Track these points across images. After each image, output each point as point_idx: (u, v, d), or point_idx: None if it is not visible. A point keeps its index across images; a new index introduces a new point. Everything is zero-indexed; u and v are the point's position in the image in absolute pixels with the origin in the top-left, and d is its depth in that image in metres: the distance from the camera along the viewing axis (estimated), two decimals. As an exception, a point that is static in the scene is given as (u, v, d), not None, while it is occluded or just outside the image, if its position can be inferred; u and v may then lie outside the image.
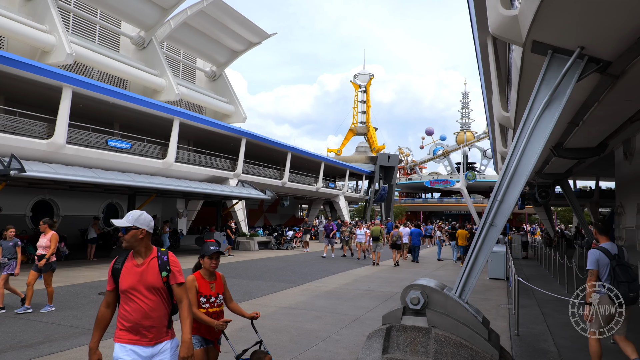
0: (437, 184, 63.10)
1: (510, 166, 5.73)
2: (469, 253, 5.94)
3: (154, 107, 19.34)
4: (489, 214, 5.78)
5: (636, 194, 16.18)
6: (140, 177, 16.22)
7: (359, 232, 20.25)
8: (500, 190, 5.76)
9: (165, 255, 3.14)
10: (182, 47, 26.23)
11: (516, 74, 7.14)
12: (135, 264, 3.03)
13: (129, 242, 3.02)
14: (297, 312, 8.53)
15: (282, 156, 31.34)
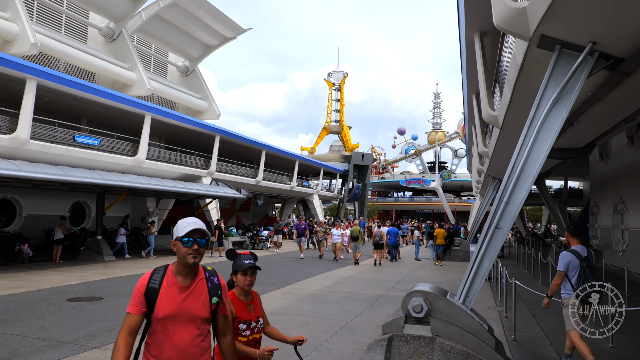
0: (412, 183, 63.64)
1: (517, 166, 5.48)
2: (473, 257, 5.66)
3: (124, 102, 18.52)
4: (494, 216, 5.51)
5: (611, 194, 16.42)
6: (111, 175, 15.43)
7: (335, 233, 19.18)
8: (506, 192, 5.49)
9: (215, 277, 2.51)
10: (153, 41, 25.31)
11: (514, 71, 6.90)
12: (178, 285, 2.37)
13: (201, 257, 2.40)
14: (283, 318, 8.11)
15: (256, 154, 30.76)
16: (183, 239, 2.33)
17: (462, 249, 20.26)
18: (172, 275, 2.39)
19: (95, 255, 16.58)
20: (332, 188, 47.64)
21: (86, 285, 11.07)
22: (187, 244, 2.32)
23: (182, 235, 2.33)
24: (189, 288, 2.39)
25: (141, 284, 2.40)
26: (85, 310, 8.29)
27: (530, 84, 7.04)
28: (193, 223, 2.40)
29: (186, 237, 2.33)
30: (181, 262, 2.38)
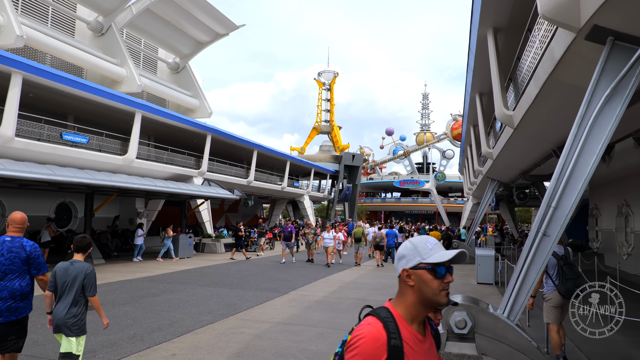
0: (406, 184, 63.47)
1: (566, 168, 5.02)
2: (517, 268, 5.21)
3: (114, 99, 17.77)
4: (542, 223, 5.06)
5: (615, 196, 16.23)
6: (101, 175, 14.71)
7: (327, 236, 17.87)
8: (554, 196, 5.04)
9: (430, 320, 1.80)
10: (143, 36, 24.50)
11: (547, 66, 6.48)
12: (419, 337, 1.63)
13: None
14: (295, 329, 7.59)
15: (246, 154, 30.12)
16: (437, 268, 1.62)
17: (460, 252, 19.90)
18: (405, 323, 1.61)
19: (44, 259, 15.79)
20: (322, 189, 47.16)
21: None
22: (440, 275, 1.62)
23: (437, 262, 1.62)
24: (426, 341, 1.67)
25: (375, 343, 1.51)
26: (81, 321, 7.65)
27: (564, 81, 6.63)
28: (438, 245, 1.67)
29: (442, 267, 1.62)
30: (426, 301, 1.62)
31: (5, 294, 4.13)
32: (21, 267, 4.24)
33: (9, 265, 4.18)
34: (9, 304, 4.14)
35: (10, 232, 4.36)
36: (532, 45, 7.63)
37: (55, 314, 4.30)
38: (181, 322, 7.82)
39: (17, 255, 4.22)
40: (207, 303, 9.55)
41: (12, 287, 4.17)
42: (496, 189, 20.21)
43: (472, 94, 15.76)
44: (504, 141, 11.90)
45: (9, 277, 4.17)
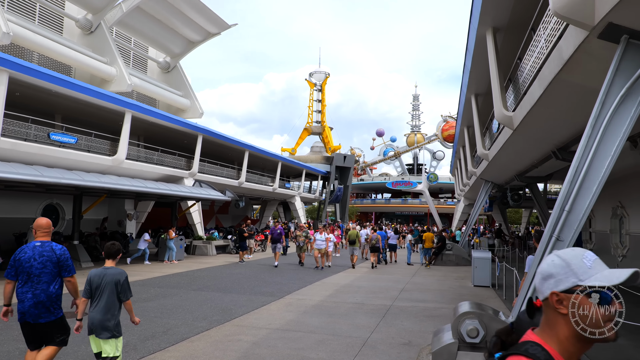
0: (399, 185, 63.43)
1: (580, 170, 4.85)
2: (530, 274, 5.03)
3: (103, 98, 17.39)
4: (555, 227, 4.88)
5: (609, 198, 16.21)
6: (90, 176, 14.34)
7: (319, 238, 17.27)
8: (567, 199, 4.87)
9: None
10: (133, 34, 24.08)
11: (554, 66, 6.33)
12: None
13: None
14: (294, 336, 7.35)
15: (237, 155, 29.81)
16: (602, 293, 1.25)
17: (454, 253, 19.82)
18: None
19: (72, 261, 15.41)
20: (313, 190, 46.95)
21: (65, 297, 10.03)
22: (606, 301, 1.25)
23: (602, 284, 1.24)
24: None
25: None
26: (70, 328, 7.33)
27: (572, 81, 6.48)
28: (599, 262, 1.30)
29: (607, 291, 1.24)
30: (585, 335, 1.25)
31: (43, 297, 4.43)
32: (53, 270, 4.49)
33: (42, 269, 4.43)
34: (47, 305, 4.46)
35: (38, 238, 4.59)
36: (536, 45, 7.49)
37: (92, 318, 4.49)
38: (175, 329, 7.54)
39: (48, 259, 4.46)
40: (201, 308, 9.28)
41: (48, 290, 4.45)
42: (490, 190, 20.14)
43: (468, 95, 15.66)
44: (502, 142, 11.78)
45: (43, 280, 4.44)
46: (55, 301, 4.54)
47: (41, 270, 4.43)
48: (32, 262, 4.43)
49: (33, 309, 4.41)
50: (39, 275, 4.42)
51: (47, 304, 4.47)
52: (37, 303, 4.40)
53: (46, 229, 4.64)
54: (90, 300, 4.57)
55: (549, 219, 15.86)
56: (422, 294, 11.86)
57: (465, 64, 13.55)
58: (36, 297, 4.41)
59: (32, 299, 4.41)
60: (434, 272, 17.01)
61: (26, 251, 4.48)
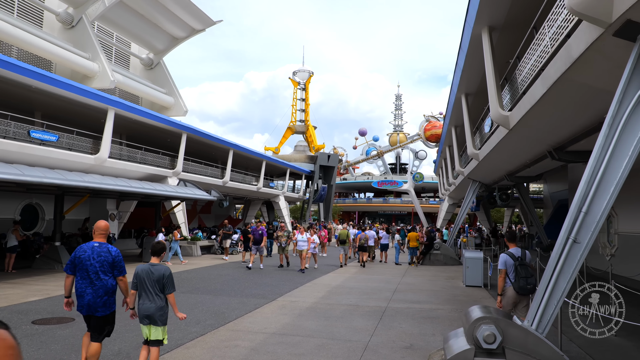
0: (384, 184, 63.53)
1: (597, 171, 4.74)
2: (546, 277, 4.90)
3: (85, 95, 16.86)
4: (572, 229, 4.76)
5: (596, 198, 16.38)
6: (73, 175, 13.84)
7: (301, 238, 16.51)
8: (585, 200, 4.75)
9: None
10: (116, 30, 23.46)
11: (561, 65, 6.22)
12: None
13: None
14: (292, 341, 7.12)
15: (221, 153, 29.36)
16: None
17: (442, 253, 19.82)
18: None
19: (53, 263, 14.91)
20: (297, 189, 46.69)
21: (50, 302, 9.64)
22: None
23: None
24: None
25: None
26: (58, 336, 6.99)
27: (579, 81, 6.39)
28: None
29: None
30: None
31: (101, 292, 4.96)
32: (108, 269, 5.02)
33: (100, 267, 4.96)
34: (104, 299, 4.99)
35: (96, 239, 5.15)
36: (538, 44, 7.40)
37: (142, 309, 5.00)
38: (168, 335, 7.22)
39: (105, 259, 5.00)
40: (192, 312, 8.97)
41: (106, 285, 5.00)
42: (477, 190, 20.20)
43: (458, 95, 15.63)
44: (495, 142, 11.72)
45: (101, 276, 4.96)
46: (111, 297, 5.10)
47: (98, 269, 4.96)
48: (91, 260, 4.96)
49: (91, 303, 4.96)
50: (96, 273, 4.96)
51: (104, 300, 5.01)
52: (95, 298, 4.94)
53: (103, 231, 5.22)
54: (138, 293, 5.05)
55: (534, 217, 15.89)
56: (415, 294, 11.74)
57: (458, 63, 13.48)
58: (95, 292, 4.94)
59: (90, 294, 4.95)
60: (424, 272, 16.95)
61: (85, 250, 5.01)
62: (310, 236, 17.01)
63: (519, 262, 6.48)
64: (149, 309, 4.98)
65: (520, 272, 6.41)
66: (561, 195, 24.78)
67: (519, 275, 6.37)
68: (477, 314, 4.74)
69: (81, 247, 5.07)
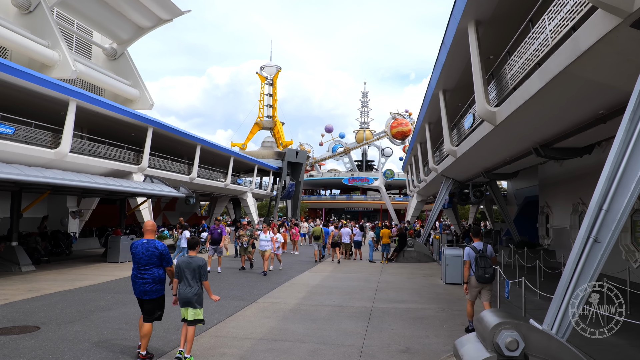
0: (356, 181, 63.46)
1: (617, 167, 4.54)
2: (565, 279, 4.67)
3: (45, 85, 15.82)
4: (592, 228, 4.54)
5: (569, 195, 16.65)
6: (32, 170, 12.87)
7: (263, 237, 15.07)
8: (606, 198, 4.54)
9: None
10: (76, 17, 22.17)
11: (566, 58, 6.02)
12: None
13: None
14: (282, 346, 6.69)
15: (188, 149, 28.43)
16: None
17: (416, 250, 19.77)
18: None
19: (10, 265, 13.87)
20: (265, 186, 46.02)
21: (9, 308, 8.82)
22: None
23: None
24: None
25: None
26: (23, 348, 6.29)
27: (582, 75, 6.22)
28: None
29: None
30: None
31: (149, 280, 5.88)
32: (157, 261, 5.93)
33: (148, 260, 5.88)
34: (152, 286, 5.89)
35: (146, 236, 6.10)
36: (535, 37, 7.21)
37: (182, 294, 5.84)
38: (149, 344, 6.66)
39: (153, 253, 5.89)
40: (169, 317, 8.36)
41: (153, 274, 5.91)
42: (451, 187, 20.24)
43: (436, 91, 15.50)
44: (477, 138, 11.60)
45: (150, 267, 5.89)
46: (157, 284, 5.95)
47: (147, 261, 5.87)
48: (141, 255, 5.87)
49: (142, 289, 5.88)
50: (146, 265, 5.88)
51: (152, 286, 5.89)
52: (144, 285, 5.86)
53: (151, 229, 6.17)
54: (179, 281, 5.90)
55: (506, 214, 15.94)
56: (397, 294, 11.50)
57: (439, 59, 13.31)
58: (144, 280, 5.87)
59: (140, 282, 5.87)
60: (399, 269, 16.81)
61: (137, 246, 5.95)
62: (273, 235, 15.81)
63: (479, 255, 7.36)
64: (187, 294, 5.82)
65: (480, 263, 7.33)
66: (525, 192, 25.22)
67: (479, 266, 7.32)
68: (495, 319, 4.45)
69: (134, 243, 6.03)
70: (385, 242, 19.56)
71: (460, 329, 7.87)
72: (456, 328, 7.94)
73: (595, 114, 7.46)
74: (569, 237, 16.31)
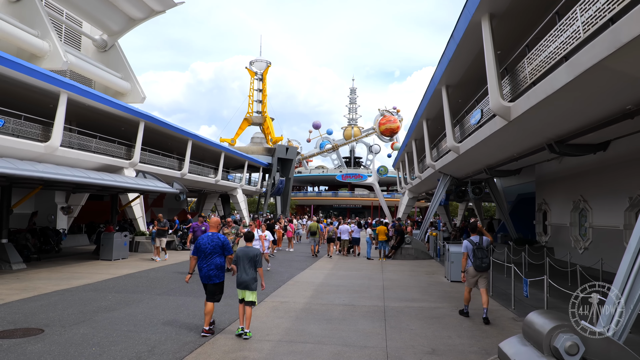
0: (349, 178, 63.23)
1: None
2: (622, 279, 4.48)
3: (36, 76, 15.22)
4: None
5: (568, 192, 16.64)
6: (25, 164, 12.33)
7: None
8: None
9: None
10: (66, 6, 21.43)
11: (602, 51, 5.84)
12: None
13: None
14: (304, 349, 6.42)
15: (178, 144, 27.85)
16: None
17: (413, 247, 19.64)
18: None
19: (0, 263, 13.32)
20: (254, 182, 45.54)
21: (7, 309, 8.37)
22: None
23: None
24: None
25: None
26: (30, 353, 5.89)
27: (616, 68, 6.04)
28: None
29: None
30: None
31: (213, 266, 6.94)
32: (219, 250, 7.01)
33: (213, 250, 6.96)
34: (215, 272, 6.96)
35: (211, 230, 7.26)
36: (563, 30, 7.02)
37: (240, 278, 6.91)
38: (162, 347, 6.34)
39: (217, 244, 7.00)
40: (178, 317, 8.06)
41: (216, 262, 6.99)
42: (448, 183, 20.14)
43: (439, 87, 15.33)
44: (486, 134, 11.43)
45: (214, 256, 6.97)
46: (220, 271, 7.04)
47: (212, 250, 6.97)
48: (207, 246, 6.96)
49: (206, 275, 6.97)
50: (210, 254, 6.97)
51: (215, 272, 6.98)
52: (208, 271, 6.95)
53: (215, 225, 7.38)
54: (238, 268, 6.97)
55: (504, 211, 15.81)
56: (405, 292, 11.29)
57: (445, 53, 13.11)
58: (208, 267, 6.94)
59: (205, 268, 6.95)
60: (399, 266, 16.64)
61: (203, 238, 7.05)
62: (262, 233, 14.94)
63: (476, 247, 8.34)
64: (244, 278, 6.88)
65: (477, 254, 8.30)
66: (517, 189, 25.30)
67: (476, 257, 8.30)
68: (550, 322, 4.23)
69: (201, 237, 7.10)
70: (382, 239, 19.43)
71: (482, 330, 7.69)
72: (476, 328, 7.76)
73: (622, 109, 7.31)
74: (568, 234, 16.31)
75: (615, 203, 13.47)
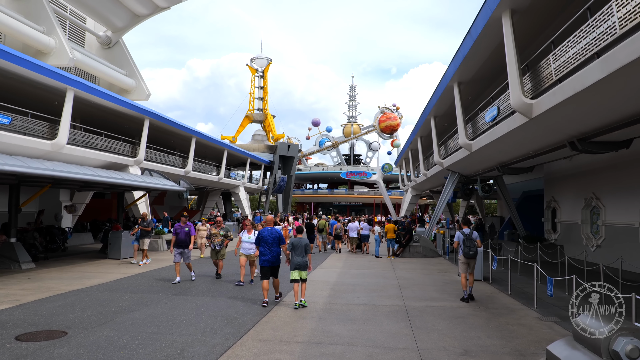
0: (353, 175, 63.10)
1: None
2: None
3: (43, 72, 15.05)
4: None
5: (580, 190, 16.56)
6: (34, 162, 12.14)
7: (247, 239, 11.41)
8: None
9: None
10: (70, 2, 21.20)
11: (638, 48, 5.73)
12: None
13: None
14: (335, 351, 6.30)
15: (181, 141, 27.67)
16: None
17: (421, 245, 19.54)
18: None
19: (10, 262, 13.15)
20: (255, 180, 45.37)
21: (25, 311, 8.22)
22: None
23: None
24: None
25: None
26: (57, 357, 5.75)
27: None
28: None
29: None
30: None
31: (275, 253, 9.24)
32: (277, 241, 9.27)
33: (272, 241, 9.20)
34: (276, 257, 9.26)
35: (267, 225, 9.75)
36: (596, 25, 6.90)
37: (295, 261, 8.92)
38: (191, 349, 6.21)
39: (275, 236, 9.25)
40: (200, 318, 7.92)
41: (275, 250, 9.26)
42: (456, 181, 20.04)
43: (451, 83, 15.19)
44: (503, 132, 11.30)
45: (274, 246, 9.23)
46: (278, 257, 9.31)
47: (272, 242, 9.18)
48: (268, 237, 9.18)
49: (270, 259, 9.15)
50: (271, 244, 9.17)
51: (276, 258, 9.25)
52: (271, 257, 9.16)
53: (271, 221, 10.02)
54: (292, 252, 8.98)
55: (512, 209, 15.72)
56: (423, 291, 11.19)
57: (460, 50, 12.98)
58: (271, 253, 9.16)
59: (269, 255, 9.15)
60: (409, 265, 16.54)
61: (264, 231, 9.27)
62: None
63: (466, 237, 10.02)
64: (299, 261, 8.88)
65: (466, 243, 9.99)
66: (522, 186, 25.18)
67: (465, 245, 9.99)
68: (620, 325, 4.12)
69: (261, 230, 9.37)
70: (390, 237, 19.34)
71: (509, 330, 7.59)
72: (504, 328, 7.65)
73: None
74: (579, 231, 16.24)
75: (630, 200, 13.39)
